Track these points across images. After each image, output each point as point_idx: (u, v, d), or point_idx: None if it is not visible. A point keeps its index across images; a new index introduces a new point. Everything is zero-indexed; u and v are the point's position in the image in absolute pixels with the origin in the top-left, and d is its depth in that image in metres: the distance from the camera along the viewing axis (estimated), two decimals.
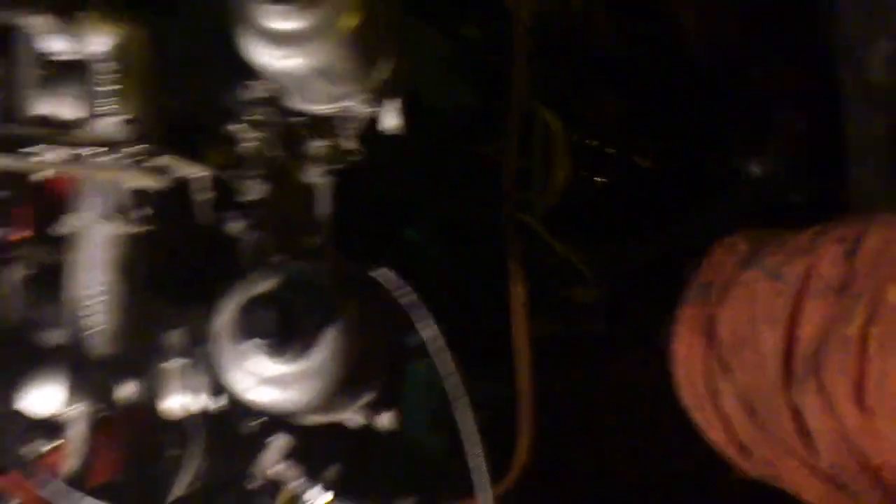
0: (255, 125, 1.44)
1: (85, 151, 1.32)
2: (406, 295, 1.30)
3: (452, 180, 1.96)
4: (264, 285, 1.25)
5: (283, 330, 1.20)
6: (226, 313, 1.27)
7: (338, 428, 1.42)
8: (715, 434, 1.44)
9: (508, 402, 1.62)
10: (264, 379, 1.25)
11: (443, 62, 1.97)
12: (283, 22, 1.29)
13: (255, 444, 1.40)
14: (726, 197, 2.16)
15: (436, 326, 1.28)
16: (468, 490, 1.42)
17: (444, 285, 1.74)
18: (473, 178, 1.98)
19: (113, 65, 1.37)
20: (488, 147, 2.00)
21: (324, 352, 1.24)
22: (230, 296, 1.28)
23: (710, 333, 1.37)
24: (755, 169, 2.14)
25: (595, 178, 2.21)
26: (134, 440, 1.43)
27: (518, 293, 1.55)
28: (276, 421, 1.39)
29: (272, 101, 1.43)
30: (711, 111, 2.16)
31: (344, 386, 1.28)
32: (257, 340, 1.20)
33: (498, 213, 1.87)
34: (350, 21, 1.30)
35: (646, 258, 2.17)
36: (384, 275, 1.30)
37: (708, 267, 1.43)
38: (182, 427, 1.40)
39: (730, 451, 1.44)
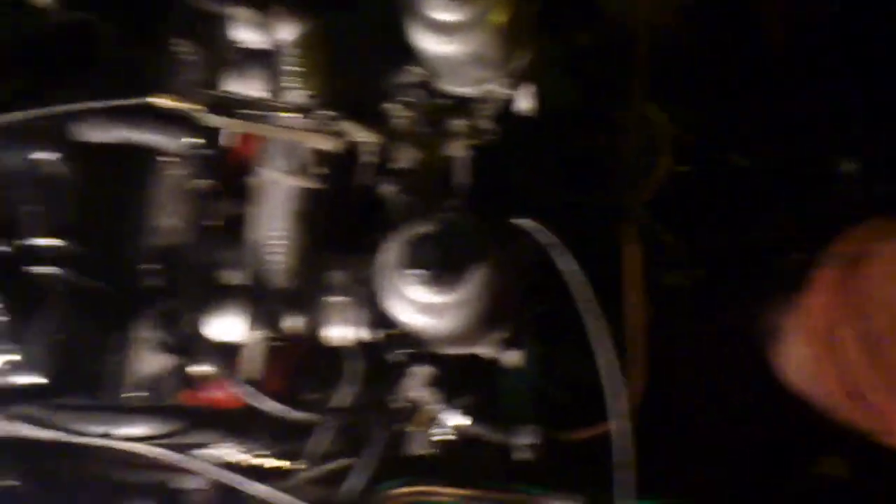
0: (407, 105, 1.68)
1: (278, 115, 1.58)
2: (549, 239, 1.54)
3: (562, 170, 2.19)
4: (426, 227, 1.50)
5: (441, 263, 1.45)
6: (391, 250, 1.52)
7: (471, 360, 1.66)
8: (825, 383, 1.65)
9: None
10: (420, 306, 1.50)
11: (556, 64, 2.21)
12: (446, 13, 1.55)
13: (401, 371, 1.62)
14: (819, 193, 2.34)
15: (577, 266, 1.52)
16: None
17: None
18: (582, 168, 2.20)
19: (297, 51, 1.63)
20: (596, 140, 2.23)
21: (472, 287, 1.48)
22: (395, 236, 1.53)
23: (843, 292, 1.60)
24: (848, 167, 2.32)
25: (693, 171, 2.41)
26: (299, 365, 1.68)
27: (632, 250, 1.77)
28: (420, 352, 1.62)
29: (423, 84, 1.67)
30: (806, 111, 2.35)
31: (485, 320, 1.53)
32: (419, 270, 1.46)
33: (602, 201, 2.10)
34: (502, 13, 1.55)
35: (739, 248, 2.36)
36: (528, 223, 1.55)
37: (847, 240, 1.67)
38: (340, 354, 1.63)
39: (839, 399, 1.64)
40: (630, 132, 2.10)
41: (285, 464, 1.61)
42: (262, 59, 1.66)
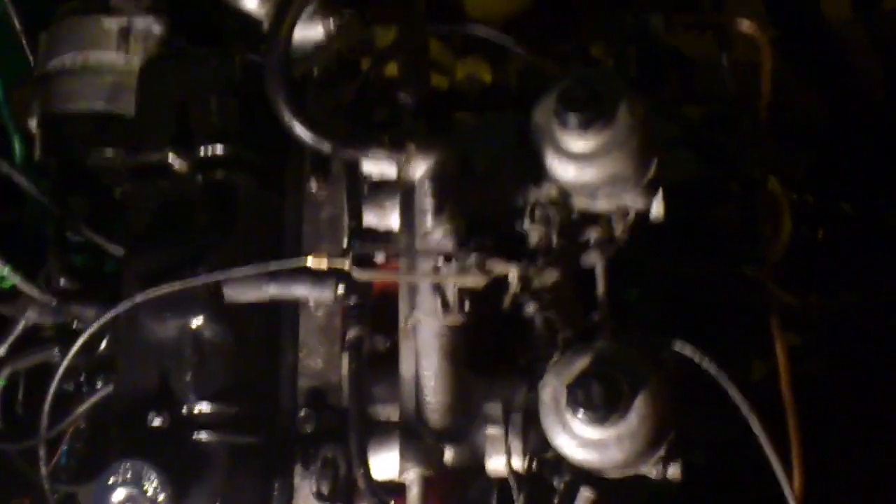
0: (543, 222, 1.68)
1: (422, 259, 1.60)
2: (706, 363, 1.54)
3: (683, 243, 2.18)
4: (582, 362, 1.50)
5: (606, 401, 1.45)
6: (549, 387, 1.52)
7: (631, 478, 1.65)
8: None
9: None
10: (585, 441, 1.50)
11: (670, 140, 2.21)
12: (581, 143, 1.55)
13: (565, 497, 1.61)
14: None
15: (738, 390, 1.51)
16: None
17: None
18: (701, 240, 2.20)
19: (429, 184, 1.64)
20: (716, 212, 2.23)
21: (636, 416, 1.48)
22: (551, 371, 1.53)
23: None
24: None
25: (813, 232, 2.40)
26: (462, 498, 1.68)
27: (782, 343, 1.77)
28: (581, 477, 1.62)
29: (557, 202, 1.68)
30: None
31: (647, 445, 1.52)
32: (584, 412, 1.46)
33: (721, 271, 2.09)
34: (636, 138, 1.55)
35: (862, 304, 2.35)
36: (683, 346, 1.55)
37: None
38: (504, 484, 1.63)
39: None
40: (751, 201, 2.09)
41: None
42: (392, 195, 1.68)
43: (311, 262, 1.54)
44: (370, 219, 1.70)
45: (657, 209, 1.67)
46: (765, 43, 2.01)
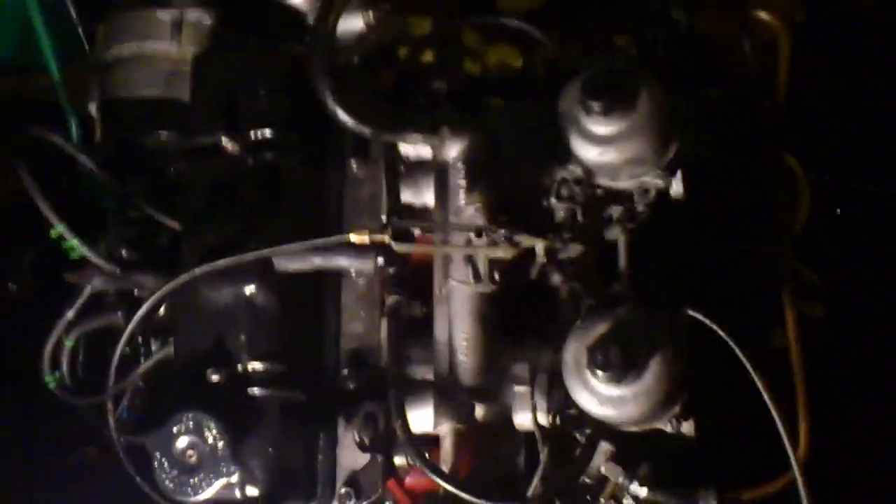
0: (568, 199, 1.81)
1: (455, 233, 1.73)
2: (717, 328, 1.66)
3: (705, 221, 2.29)
4: (602, 327, 1.63)
5: (623, 362, 1.59)
6: (572, 349, 1.65)
7: (648, 433, 1.78)
8: None
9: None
10: (604, 398, 1.63)
11: (689, 123, 2.32)
12: (604, 126, 1.68)
13: (585, 450, 1.75)
14: None
15: (747, 354, 1.64)
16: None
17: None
18: (722, 218, 2.31)
19: (462, 164, 1.78)
20: (735, 193, 2.34)
21: (651, 376, 1.62)
22: (574, 335, 1.66)
23: None
24: None
25: (831, 209, 2.50)
26: (491, 450, 1.82)
27: (793, 315, 1.89)
28: (601, 431, 1.75)
29: (582, 180, 1.80)
30: None
31: (662, 402, 1.66)
32: (604, 372, 1.59)
33: (740, 247, 2.20)
34: (655, 123, 1.67)
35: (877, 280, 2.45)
36: (693, 312, 1.68)
37: None
38: (530, 438, 1.77)
39: None
40: (769, 180, 2.19)
41: None
42: (431, 170, 1.81)
43: (353, 237, 1.68)
44: (407, 196, 1.83)
45: (677, 188, 1.77)
46: (782, 29, 2.11)
